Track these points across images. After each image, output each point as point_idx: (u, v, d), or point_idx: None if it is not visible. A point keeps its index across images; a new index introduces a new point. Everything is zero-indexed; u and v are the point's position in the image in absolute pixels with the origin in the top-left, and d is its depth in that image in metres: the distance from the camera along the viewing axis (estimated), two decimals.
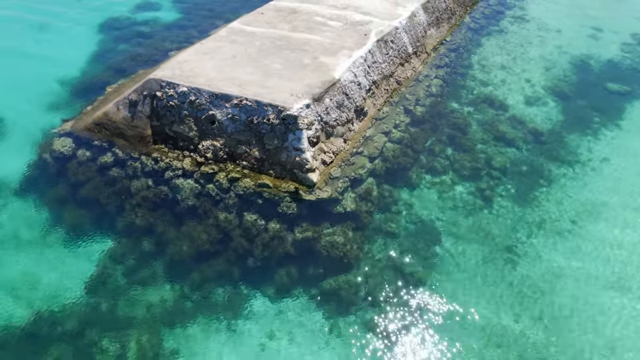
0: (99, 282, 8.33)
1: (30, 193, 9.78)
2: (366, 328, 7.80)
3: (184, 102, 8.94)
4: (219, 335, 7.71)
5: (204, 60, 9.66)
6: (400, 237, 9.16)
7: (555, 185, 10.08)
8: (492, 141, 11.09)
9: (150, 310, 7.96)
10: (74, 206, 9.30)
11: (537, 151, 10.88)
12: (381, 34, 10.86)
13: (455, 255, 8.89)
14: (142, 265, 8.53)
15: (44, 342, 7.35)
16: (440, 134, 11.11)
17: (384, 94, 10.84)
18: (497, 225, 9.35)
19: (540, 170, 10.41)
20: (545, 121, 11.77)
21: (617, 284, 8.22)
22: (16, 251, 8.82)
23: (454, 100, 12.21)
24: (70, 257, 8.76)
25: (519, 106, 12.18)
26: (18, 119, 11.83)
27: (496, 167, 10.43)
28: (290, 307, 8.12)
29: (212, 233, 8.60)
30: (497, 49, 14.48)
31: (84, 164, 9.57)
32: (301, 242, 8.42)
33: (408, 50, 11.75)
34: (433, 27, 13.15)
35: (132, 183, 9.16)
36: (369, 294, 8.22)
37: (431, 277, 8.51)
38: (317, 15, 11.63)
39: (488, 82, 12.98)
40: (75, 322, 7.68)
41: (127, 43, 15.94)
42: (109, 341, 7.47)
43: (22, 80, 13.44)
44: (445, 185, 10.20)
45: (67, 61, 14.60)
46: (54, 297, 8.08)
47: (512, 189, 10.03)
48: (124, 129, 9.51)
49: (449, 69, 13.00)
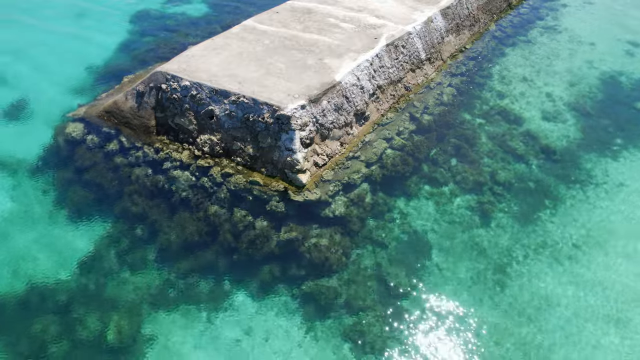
0: (93, 261, 8.70)
1: (42, 173, 10.34)
2: (342, 335, 7.74)
3: (186, 95, 9.17)
4: (197, 326, 7.87)
5: (211, 56, 9.86)
6: (390, 247, 9.00)
7: (561, 207, 9.58)
8: (500, 155, 10.67)
9: (136, 294, 8.23)
10: (79, 188, 9.76)
11: (547, 169, 10.37)
12: (392, 38, 10.68)
13: (444, 270, 8.64)
14: (134, 250, 8.83)
15: (33, 313, 7.77)
16: (445, 144, 10.81)
17: (390, 99, 10.66)
18: (492, 243, 9.00)
19: (547, 190, 9.92)
20: (561, 138, 11.19)
21: (614, 317, 7.72)
22: (24, 226, 9.36)
23: (466, 110, 11.84)
24: (71, 236, 9.19)
25: (534, 121, 11.65)
26: (42, 101, 12.52)
27: (500, 182, 10.04)
28: (270, 306, 8.17)
29: (201, 225, 8.79)
30: (520, 60, 13.89)
31: (91, 149, 10.02)
32: (286, 242, 8.45)
33: (420, 56, 11.49)
34: (452, 33, 12.79)
35: (133, 170, 9.50)
36: (350, 300, 8.14)
37: (416, 291, 8.31)
38: (330, 17, 11.59)
39: (505, 94, 12.49)
40: (65, 297, 8.07)
41: (154, 35, 16.52)
42: (93, 319, 7.79)
43: (52, 64, 14.21)
44: (444, 197, 9.92)
45: (96, 48, 15.32)
46: (50, 271, 8.51)
47: (515, 207, 9.62)
48: (131, 118, 9.87)
49: (465, 78, 12.61)
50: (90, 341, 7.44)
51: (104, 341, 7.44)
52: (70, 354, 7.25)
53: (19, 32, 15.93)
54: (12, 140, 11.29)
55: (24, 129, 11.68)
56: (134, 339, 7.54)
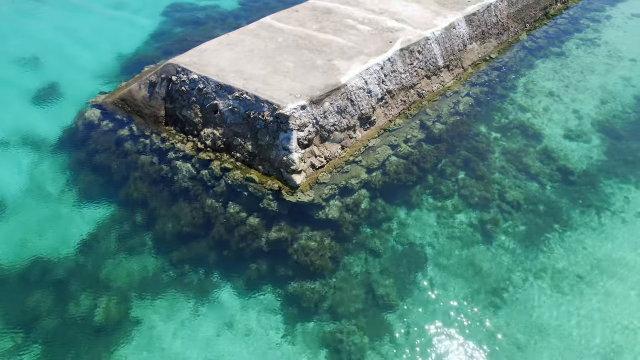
0: (94, 242, 9.06)
1: (61, 153, 10.89)
2: (321, 341, 7.65)
3: (194, 89, 9.35)
4: (182, 315, 8.02)
5: (223, 51, 10.00)
6: (384, 257, 8.79)
7: (572, 233, 8.99)
8: (512, 173, 10.15)
9: (129, 278, 8.49)
10: (90, 171, 10.19)
11: (562, 192, 9.76)
12: (407, 43, 10.40)
13: (436, 287, 8.34)
14: (133, 235, 9.12)
15: (31, 285, 8.20)
16: (455, 157, 10.41)
17: (400, 105, 10.40)
18: (491, 264, 8.59)
19: (558, 213, 9.34)
20: (582, 160, 10.49)
21: (609, 356, 7.16)
22: (37, 202, 9.89)
23: (482, 122, 11.35)
24: (77, 215, 9.62)
25: (555, 139, 10.99)
26: (71, 85, 13.19)
27: (509, 200, 9.55)
28: (255, 303, 8.20)
29: (197, 217, 8.94)
30: (550, 74, 13.14)
31: (105, 134, 10.44)
32: (275, 242, 8.45)
33: (438, 63, 11.13)
34: (476, 41, 12.29)
35: (140, 158, 9.81)
36: (334, 307, 8.02)
37: (403, 304, 8.08)
38: (349, 18, 11.45)
39: (528, 109, 11.86)
40: (63, 273, 8.46)
41: (184, 27, 16.99)
42: (86, 297, 8.12)
43: (85, 50, 14.94)
44: (446, 210, 9.57)
45: (128, 38, 15.96)
46: (54, 247, 8.94)
47: (520, 228, 9.13)
48: (142, 107, 10.19)
49: (485, 88, 12.09)
50: (80, 319, 7.75)
51: (92, 321, 7.74)
52: (58, 330, 7.59)
53: (58, 18, 16.87)
54: (40, 120, 11.97)
55: (51, 110, 12.34)
56: (120, 322, 7.78)
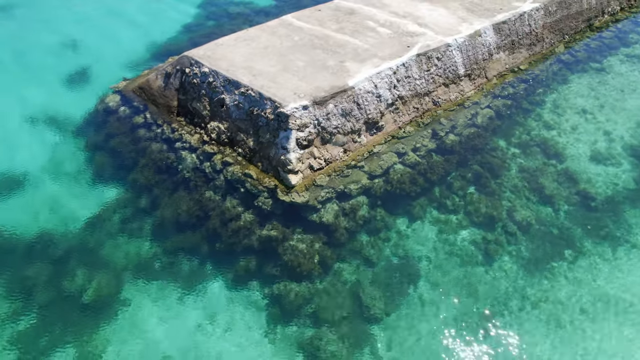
0: (98, 222, 9.42)
1: (81, 134, 11.42)
2: (298, 345, 7.55)
3: (204, 81, 9.48)
4: (168, 302, 8.18)
5: (238, 47, 10.08)
6: (377, 266, 8.55)
7: (582, 263, 8.33)
8: (525, 192, 9.56)
9: (124, 259, 8.76)
10: (104, 153, 10.62)
11: (578, 217, 9.07)
12: (425, 48, 10.04)
13: (426, 304, 8.01)
14: (134, 219, 9.40)
15: (35, 256, 8.64)
16: (466, 170, 9.94)
17: (412, 112, 10.06)
18: (488, 287, 8.13)
19: (571, 240, 8.69)
20: (607, 185, 9.70)
21: None
22: (53, 179, 10.42)
23: (501, 136, 10.77)
24: (88, 195, 10.03)
25: (580, 160, 10.23)
26: (102, 70, 13.80)
27: (517, 220, 9.00)
28: (240, 299, 8.22)
29: (195, 207, 9.08)
30: (585, 90, 12.26)
31: (121, 119, 10.83)
32: (266, 240, 8.42)
33: (458, 71, 10.66)
34: (504, 51, 11.67)
35: (149, 145, 10.10)
36: (318, 312, 7.89)
37: (388, 318, 7.82)
38: (370, 20, 11.21)
39: (554, 126, 11.13)
40: (65, 248, 8.85)
41: (216, 20, 17.36)
42: (80, 275, 8.45)
43: (119, 38, 15.60)
44: (449, 225, 9.17)
45: (161, 29, 16.51)
46: (61, 223, 9.38)
47: (525, 252, 8.58)
48: (157, 96, 10.48)
49: (509, 101, 11.45)
50: (72, 294, 8.08)
51: (82, 297, 8.05)
52: (52, 302, 7.95)
53: (97, 6, 17.69)
54: (68, 102, 12.60)
55: (79, 92, 12.97)
56: (108, 302, 8.04)
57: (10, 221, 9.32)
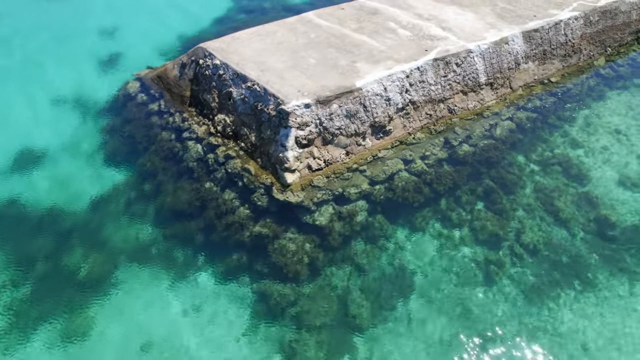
0: (104, 203, 9.72)
1: (101, 117, 11.86)
2: (278, 345, 7.43)
3: (215, 73, 9.54)
4: (158, 288, 8.30)
5: (253, 41, 10.07)
6: (369, 275, 8.27)
7: (591, 296, 7.64)
8: (539, 213, 8.91)
9: (122, 242, 8.98)
10: (119, 137, 10.96)
11: (594, 246, 8.33)
12: (444, 53, 9.58)
13: (414, 321, 7.65)
14: (137, 203, 9.63)
15: (40, 230, 9.03)
16: (476, 184, 9.41)
17: (425, 118, 9.64)
18: (483, 309, 7.64)
19: (582, 270, 8.00)
20: (632, 214, 8.85)
21: None
22: (70, 157, 10.87)
23: (520, 152, 10.11)
24: (99, 176, 10.37)
25: (605, 184, 9.41)
26: (132, 57, 14.28)
27: (524, 243, 8.41)
28: (227, 292, 8.21)
29: (194, 197, 9.16)
30: (622, 108, 11.28)
31: (137, 106, 11.14)
32: (257, 236, 8.35)
33: (479, 79, 10.11)
34: (533, 61, 10.95)
35: (160, 133, 10.31)
36: (301, 315, 7.74)
37: (373, 330, 7.53)
38: (392, 21, 10.86)
39: (582, 144, 10.31)
40: (69, 225, 9.20)
41: (248, 14, 17.55)
42: (80, 251, 8.74)
43: (153, 27, 16.10)
44: (451, 240, 8.72)
45: (194, 19, 16.90)
46: (70, 201, 9.76)
47: (529, 277, 7.99)
48: (172, 86, 10.68)
49: (534, 114, 10.73)
50: (68, 270, 8.37)
51: (77, 274, 8.32)
52: (48, 275, 8.27)
53: None
54: (97, 86, 13.14)
55: (107, 77, 13.48)
56: (100, 282, 8.26)
57: (25, 192, 9.82)
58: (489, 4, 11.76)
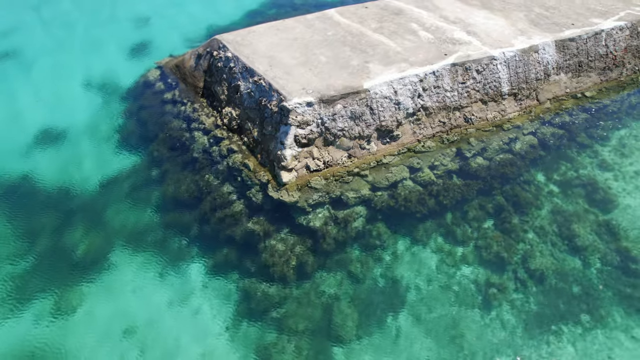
0: (111, 186, 9.94)
1: (122, 102, 12.18)
2: (255, 348, 7.27)
3: (226, 66, 9.50)
4: (148, 275, 8.36)
5: (269, 36, 9.94)
6: (361, 285, 7.94)
7: (600, 334, 6.91)
8: (552, 237, 8.21)
9: (121, 226, 9.13)
10: (134, 122, 11.20)
11: (611, 280, 7.55)
12: (464, 59, 9.02)
13: (401, 338, 7.24)
14: (141, 189, 9.78)
15: (47, 206, 9.36)
16: (487, 200, 8.81)
17: (437, 126, 9.13)
18: (477, 335, 7.11)
19: (593, 304, 7.26)
20: None
21: None
22: (87, 139, 11.22)
23: (541, 169, 9.37)
24: (110, 159, 10.60)
25: (632, 214, 8.52)
26: (160, 46, 14.61)
27: (531, 268, 7.76)
28: (215, 286, 8.15)
29: (193, 188, 9.17)
30: None
31: (154, 93, 11.33)
32: (248, 233, 8.22)
33: (501, 88, 9.45)
34: (566, 72, 10.11)
35: (171, 121, 10.42)
36: (284, 318, 7.54)
37: (356, 342, 7.20)
38: (415, 22, 10.40)
39: (612, 167, 9.41)
40: (76, 205, 9.47)
41: (278, 9, 17.54)
42: (80, 231, 8.97)
43: (184, 18, 16.41)
44: (452, 257, 8.20)
45: (226, 12, 17.10)
46: (82, 180, 10.04)
47: (533, 305, 7.36)
48: (188, 76, 10.76)
49: (560, 130, 9.91)
50: (66, 248, 8.61)
51: (74, 253, 8.53)
52: (47, 251, 8.53)
53: None
54: (122, 72, 13.52)
55: (134, 63, 13.84)
56: (95, 262, 8.43)
57: (41, 169, 10.23)
58: (524, 9, 11.01)
